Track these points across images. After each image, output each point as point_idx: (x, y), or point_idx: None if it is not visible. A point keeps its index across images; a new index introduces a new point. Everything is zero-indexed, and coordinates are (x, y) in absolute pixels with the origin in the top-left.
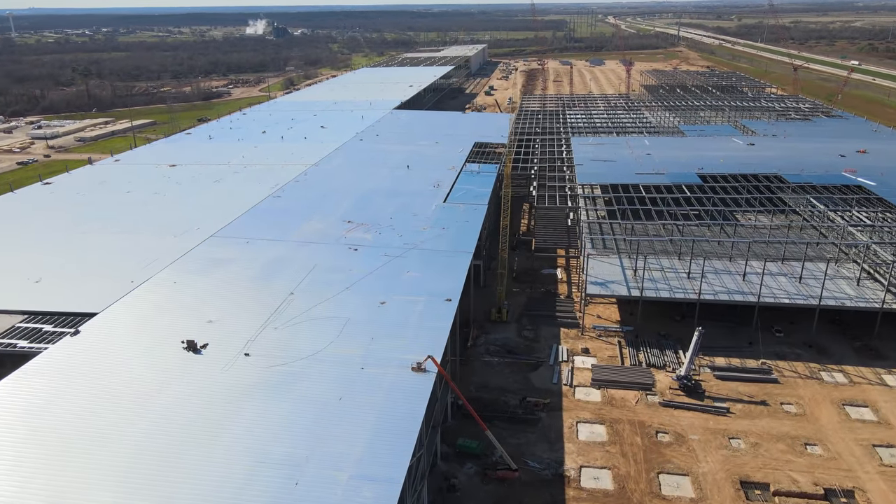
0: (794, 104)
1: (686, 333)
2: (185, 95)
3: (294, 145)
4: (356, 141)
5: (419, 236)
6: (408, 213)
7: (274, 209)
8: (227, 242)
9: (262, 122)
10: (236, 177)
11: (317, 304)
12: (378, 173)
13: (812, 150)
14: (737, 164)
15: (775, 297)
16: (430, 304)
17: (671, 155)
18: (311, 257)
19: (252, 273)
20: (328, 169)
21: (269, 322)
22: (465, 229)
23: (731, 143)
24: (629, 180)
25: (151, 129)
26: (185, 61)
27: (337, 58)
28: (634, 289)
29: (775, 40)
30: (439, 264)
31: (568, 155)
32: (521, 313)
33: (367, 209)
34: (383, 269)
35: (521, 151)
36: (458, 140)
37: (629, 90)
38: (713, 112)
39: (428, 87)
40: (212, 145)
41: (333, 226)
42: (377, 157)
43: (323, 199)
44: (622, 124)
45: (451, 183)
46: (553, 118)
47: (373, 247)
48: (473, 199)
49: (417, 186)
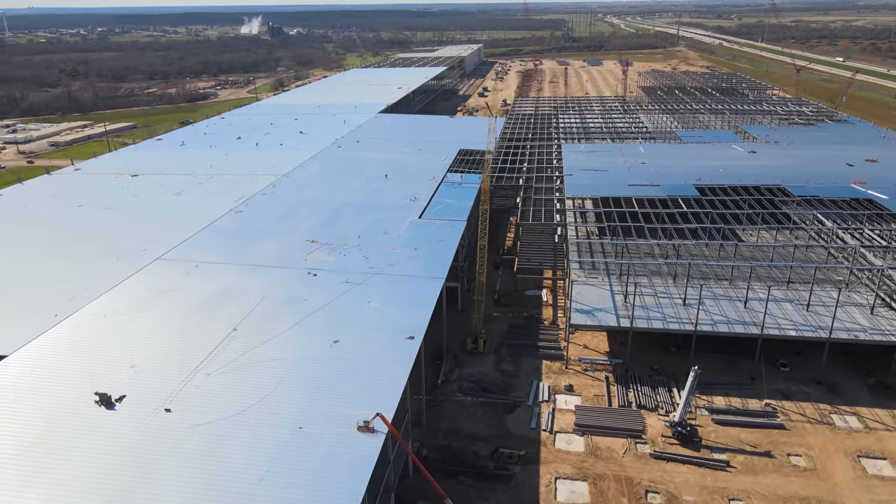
0: (797, 108)
1: (681, 367)
2: (170, 97)
3: (268, 153)
4: (334, 148)
5: (388, 258)
6: (378, 231)
7: (232, 227)
8: (173, 266)
9: (240, 126)
10: (199, 189)
11: (260, 344)
12: (352, 184)
13: (817, 158)
14: (737, 175)
15: (780, 327)
16: (391, 343)
17: (667, 164)
18: (265, 284)
19: (194, 304)
20: (299, 180)
21: (202, 366)
22: (440, 250)
23: (732, 151)
24: (621, 192)
25: (129, 134)
26: (175, 62)
27: (331, 58)
28: (624, 318)
29: (776, 40)
30: (406, 292)
31: (558, 163)
32: (501, 343)
33: (334, 226)
34: (342, 298)
35: (507, 160)
36: (442, 147)
37: (626, 92)
38: (713, 116)
39: (418, 88)
40: (181, 152)
41: (295, 246)
42: (354, 166)
43: (288, 214)
44: (617, 129)
45: (429, 196)
46: (545, 122)
47: (334, 271)
48: (452, 214)
49: (393, 200)
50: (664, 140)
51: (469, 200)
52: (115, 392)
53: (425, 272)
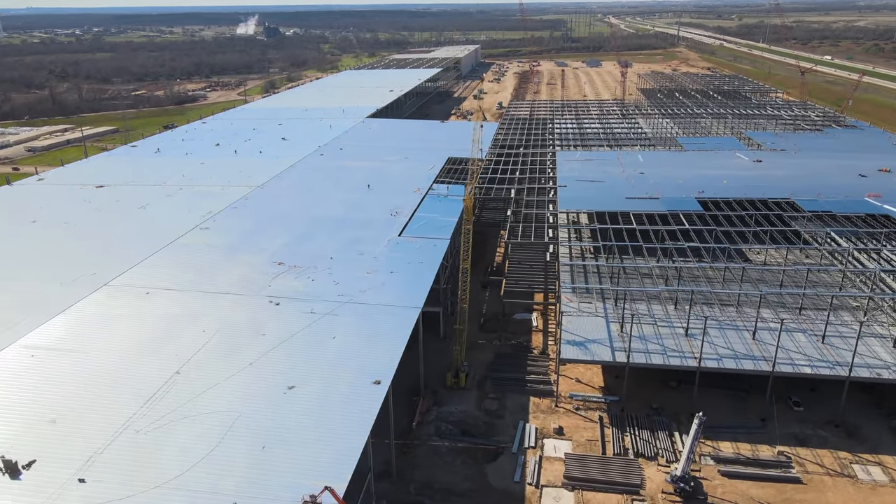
0: (802, 112)
1: (683, 405)
2: (157, 99)
3: (245, 161)
4: (316, 156)
5: (360, 284)
6: (353, 252)
7: (195, 246)
8: (121, 294)
9: (221, 132)
10: (167, 202)
11: (205, 390)
12: (331, 197)
13: (827, 168)
14: (742, 187)
15: (793, 363)
16: (353, 389)
17: (668, 174)
18: (220, 316)
19: (136, 341)
20: (275, 191)
21: (133, 420)
22: (418, 274)
23: (736, 160)
24: (618, 206)
25: (110, 138)
26: (167, 63)
27: (325, 59)
28: (620, 351)
29: (777, 40)
30: (376, 325)
31: (553, 173)
32: (485, 376)
33: (306, 245)
34: (305, 333)
35: (498, 169)
36: (429, 154)
37: (625, 95)
38: (715, 120)
39: (411, 91)
40: (155, 160)
41: (260, 269)
42: (335, 176)
43: (257, 231)
44: (615, 135)
45: (412, 210)
46: (541, 127)
47: (300, 299)
48: (435, 231)
49: (373, 214)
50: (664, 147)
51: (454, 215)
52: (25, 455)
53: (400, 300)
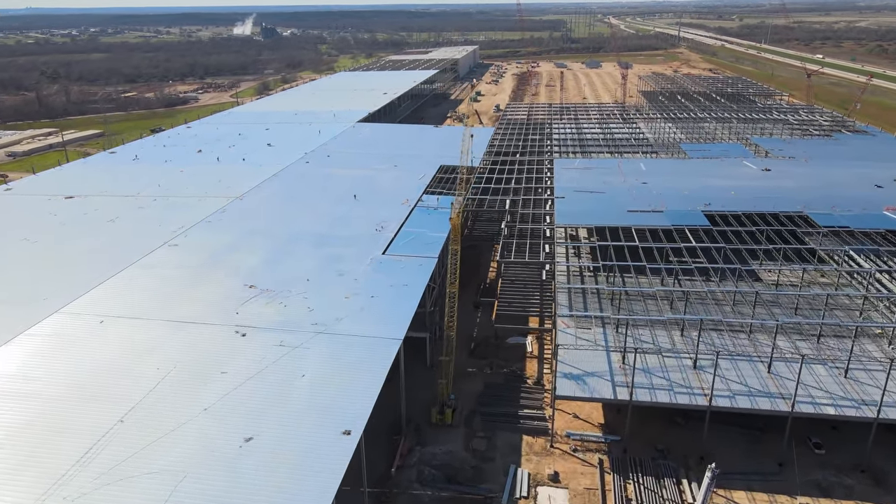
0: (809, 116)
1: (691, 446)
2: (147, 101)
3: (227, 169)
4: (301, 164)
5: (337, 310)
6: (332, 272)
7: (160, 267)
8: (71, 323)
9: (205, 137)
10: (138, 215)
11: (150, 444)
12: (313, 210)
13: (840, 177)
14: (751, 199)
15: (814, 401)
16: (319, 442)
17: (671, 184)
18: (179, 350)
19: (79, 381)
20: (254, 203)
21: (60, 484)
22: (402, 298)
23: (743, 169)
24: (619, 221)
25: (95, 142)
26: (161, 63)
27: (322, 60)
28: (622, 386)
29: (779, 41)
30: (351, 361)
31: (550, 182)
32: (473, 410)
33: (281, 265)
34: (271, 370)
35: (493, 178)
36: (421, 162)
37: (625, 97)
38: (718, 124)
39: (406, 93)
40: (132, 168)
41: (229, 293)
42: (320, 185)
43: (230, 248)
44: (615, 140)
45: (399, 224)
46: (538, 131)
47: (269, 329)
48: (422, 248)
49: (356, 229)
50: (667, 154)
51: (443, 230)
52: None
53: (379, 330)
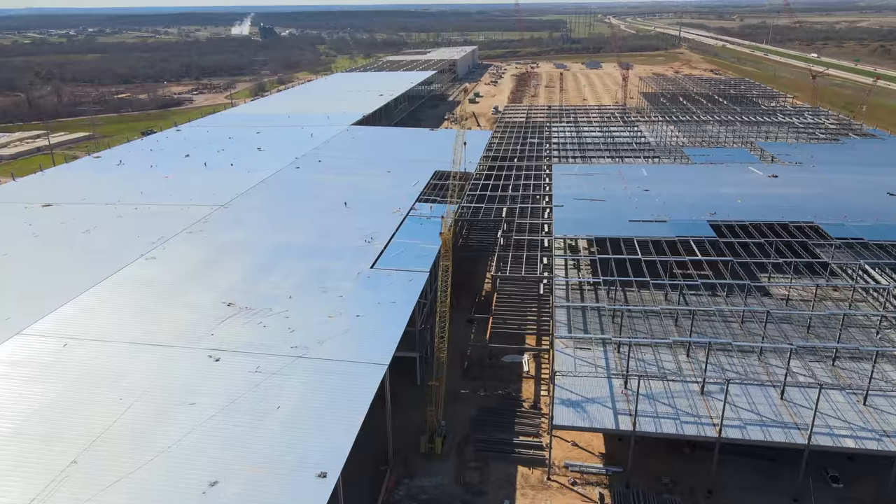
0: (815, 119)
1: (699, 479)
2: (140, 103)
3: (214, 175)
4: (291, 169)
5: (319, 331)
6: (316, 288)
7: (134, 282)
8: (32, 347)
9: (195, 141)
10: (116, 225)
11: (101, 491)
12: (301, 219)
13: (851, 185)
14: (759, 207)
15: (832, 431)
16: (291, 485)
17: (675, 192)
18: (146, 377)
19: (32, 415)
20: (239, 212)
21: None
22: (389, 318)
23: (749, 175)
24: (621, 231)
25: (84, 145)
26: (156, 64)
27: (320, 60)
28: (625, 414)
29: (780, 41)
30: (331, 390)
31: (548, 189)
32: (466, 437)
33: (263, 280)
34: (244, 401)
35: (489, 185)
36: (415, 167)
37: (626, 99)
38: (722, 127)
39: (403, 95)
40: (115, 174)
41: (205, 311)
42: (309, 193)
43: (210, 262)
44: (616, 144)
45: (389, 234)
46: (537, 135)
47: (245, 353)
48: (413, 261)
49: (344, 240)
50: (670, 159)
51: (436, 242)
52: None
53: (363, 354)
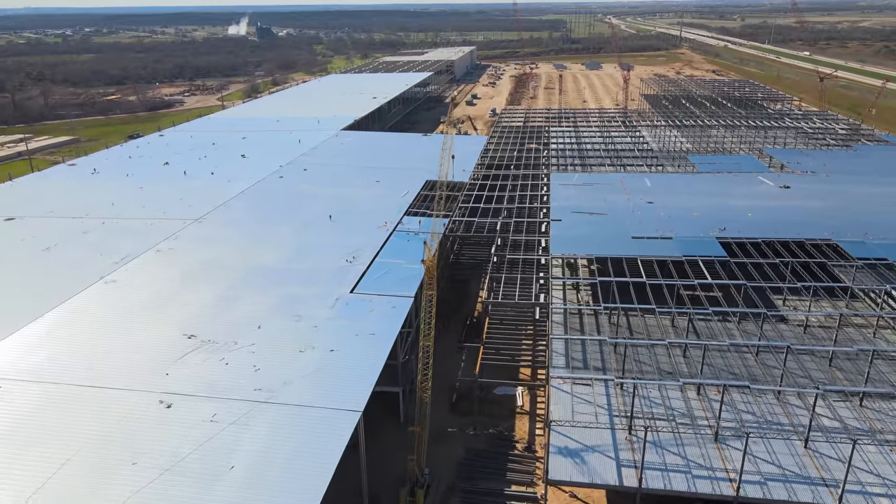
0: (824, 123)
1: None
2: (130, 105)
3: (192, 185)
4: (274, 179)
5: (287, 369)
6: (289, 316)
7: (87, 310)
8: None
9: (177, 146)
10: (80, 241)
11: None
12: (279, 235)
13: (868, 197)
14: (771, 222)
15: (864, 489)
16: None
17: (681, 203)
18: (82, 429)
19: None
20: (213, 227)
21: None
22: (366, 354)
23: (759, 186)
24: (623, 250)
25: (68, 149)
26: (150, 64)
27: (316, 61)
28: (629, 466)
29: (782, 41)
30: (296, 443)
31: (546, 201)
32: (451, 486)
33: (231, 307)
34: (193, 458)
35: (483, 196)
36: (405, 176)
37: (627, 101)
38: (727, 132)
39: (397, 97)
40: (88, 184)
41: (163, 345)
42: (291, 205)
43: (175, 286)
44: (617, 151)
45: (373, 253)
46: (535, 139)
47: (202, 397)
48: (396, 285)
49: (324, 260)
50: (674, 167)
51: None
52: None
53: (334, 398)
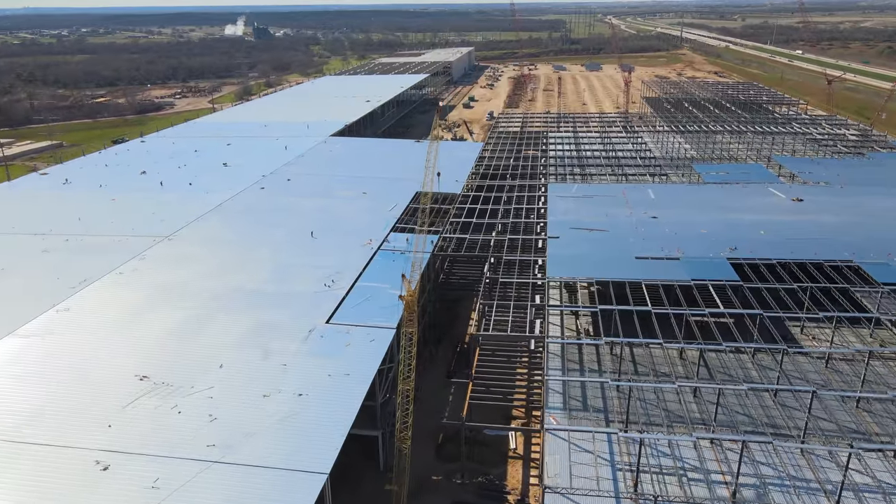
0: (833, 129)
1: None
2: (117, 108)
3: (167, 198)
4: (255, 190)
5: (248, 418)
6: (255, 352)
7: (31, 346)
8: None
9: (157, 154)
10: (37, 263)
11: None
12: (254, 255)
13: (887, 211)
14: (785, 241)
15: None
16: None
17: (687, 219)
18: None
19: None
20: (183, 246)
21: None
22: (339, 397)
23: (770, 198)
24: (625, 273)
25: (49, 155)
26: (143, 66)
27: (312, 62)
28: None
29: (784, 42)
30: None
31: (543, 214)
32: None
33: (192, 341)
34: None
35: (476, 209)
36: (394, 187)
37: (628, 104)
38: (732, 138)
39: (392, 100)
40: (57, 196)
41: (108, 390)
42: (271, 220)
43: (133, 316)
44: (618, 158)
45: (355, 274)
46: (532, 145)
47: (146, 455)
48: (377, 314)
49: (301, 283)
50: (678, 175)
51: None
52: None
53: (298, 457)
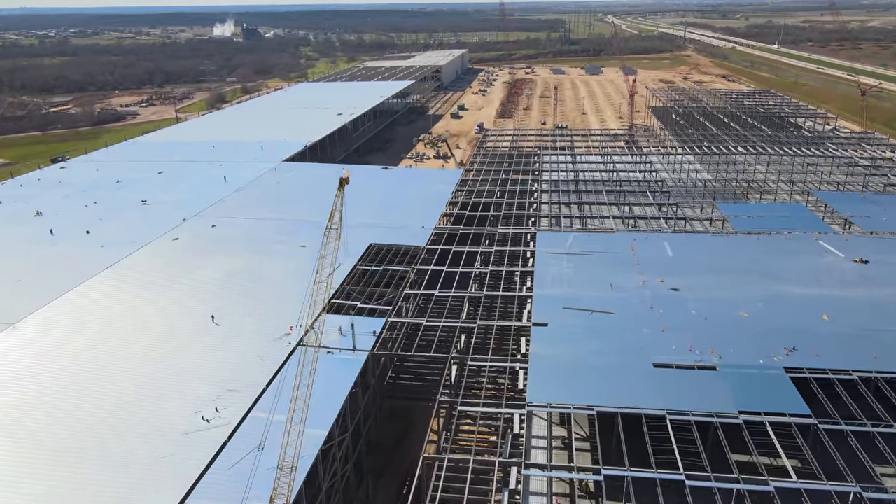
0: (874, 150)
1: None
2: (73, 118)
3: (47, 254)
4: (164, 243)
5: None
6: None
7: None
8: None
9: (71, 184)
10: None
11: None
12: (117, 362)
13: None
14: (863, 336)
15: None
16: None
17: (719, 293)
18: None
19: None
20: (23, 344)
21: None
22: None
23: (825, 258)
24: (639, 394)
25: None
26: (117, 70)
27: (298, 64)
28: None
29: (792, 42)
30: None
31: (527, 280)
32: None
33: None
34: None
35: (440, 275)
36: (343, 236)
37: (632, 115)
38: (756, 161)
39: (370, 111)
40: None
41: None
42: (165, 295)
43: None
44: (623, 189)
45: (252, 396)
46: (522, 169)
47: None
48: (264, 484)
49: (164, 417)
50: (700, 220)
51: (333, 410)
52: None
53: None
